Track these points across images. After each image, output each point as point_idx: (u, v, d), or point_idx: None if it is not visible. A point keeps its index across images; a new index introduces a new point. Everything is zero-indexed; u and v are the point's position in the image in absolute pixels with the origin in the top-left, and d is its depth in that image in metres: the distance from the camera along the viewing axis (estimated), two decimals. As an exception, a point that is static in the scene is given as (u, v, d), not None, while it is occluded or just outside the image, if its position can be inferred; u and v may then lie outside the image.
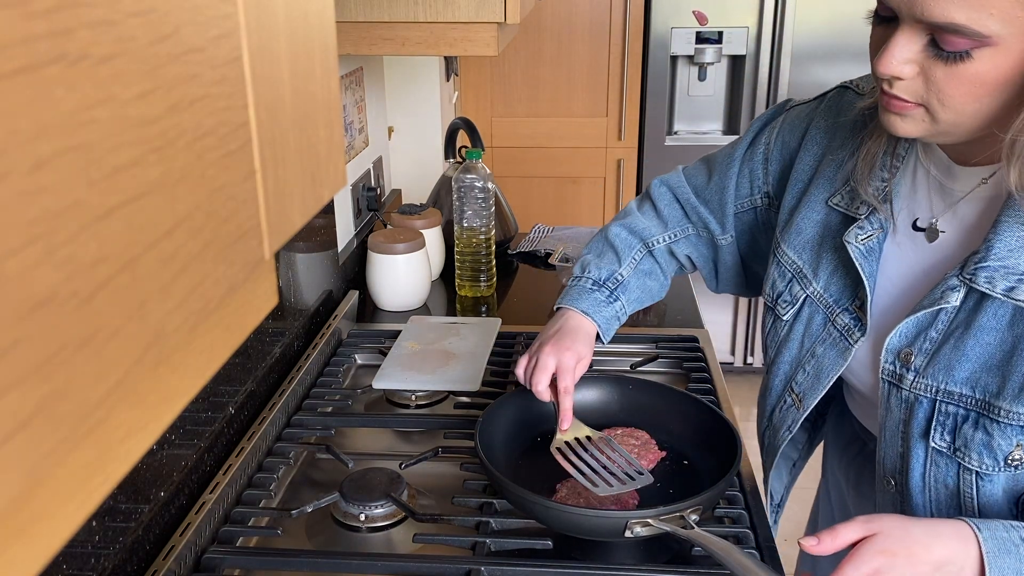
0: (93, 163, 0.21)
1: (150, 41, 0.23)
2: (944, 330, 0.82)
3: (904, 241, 0.89)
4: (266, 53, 0.32)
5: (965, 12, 0.68)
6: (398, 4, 1.15)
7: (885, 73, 0.76)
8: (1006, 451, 0.79)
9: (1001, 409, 0.78)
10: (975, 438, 0.80)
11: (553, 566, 0.89)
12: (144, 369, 0.24)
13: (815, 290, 0.95)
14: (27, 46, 0.18)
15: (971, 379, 0.80)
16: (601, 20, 2.89)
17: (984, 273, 0.78)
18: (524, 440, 1.08)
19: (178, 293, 0.26)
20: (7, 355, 0.18)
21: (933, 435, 0.83)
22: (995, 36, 0.69)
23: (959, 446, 0.81)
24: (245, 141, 0.30)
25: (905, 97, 0.77)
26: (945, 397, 0.82)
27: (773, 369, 1.01)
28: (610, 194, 3.08)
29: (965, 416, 0.81)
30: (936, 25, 0.70)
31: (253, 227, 0.32)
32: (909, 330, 0.84)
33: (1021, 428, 0.78)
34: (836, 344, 0.93)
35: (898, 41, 0.74)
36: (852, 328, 0.91)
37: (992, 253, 0.78)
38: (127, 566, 0.83)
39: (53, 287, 0.20)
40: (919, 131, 0.79)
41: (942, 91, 0.74)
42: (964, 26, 0.69)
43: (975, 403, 0.80)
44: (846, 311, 0.92)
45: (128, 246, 0.23)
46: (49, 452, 0.20)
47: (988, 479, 0.80)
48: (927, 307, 0.82)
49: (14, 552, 0.19)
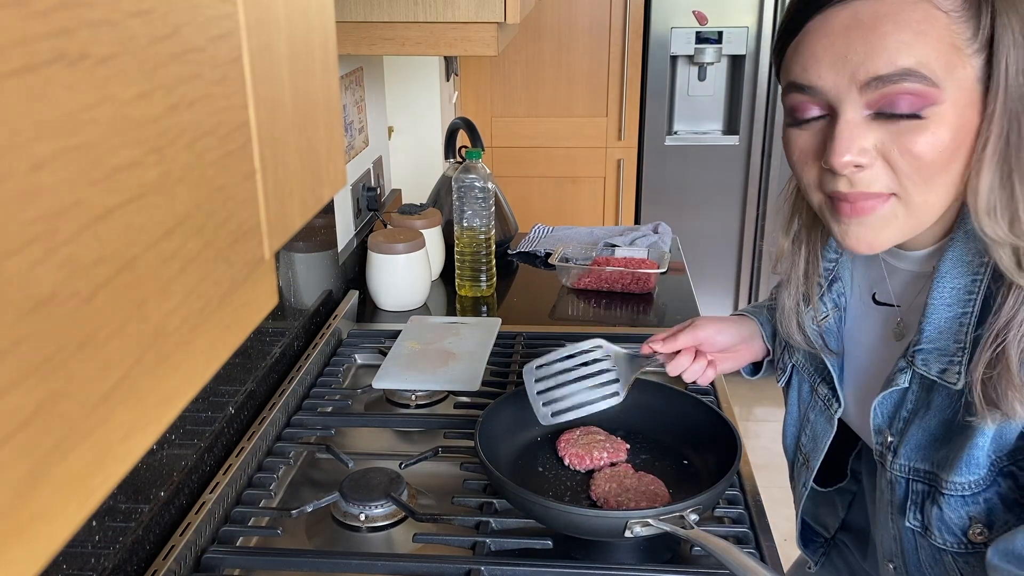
0: (93, 163, 0.21)
1: (150, 41, 0.23)
2: (912, 409, 0.80)
3: (868, 314, 0.88)
4: (266, 53, 0.32)
5: (912, 56, 0.66)
6: (398, 4, 1.15)
7: (843, 166, 0.70)
8: (959, 525, 0.76)
9: (944, 481, 0.76)
10: (933, 513, 0.78)
11: (553, 566, 0.89)
12: (144, 369, 0.24)
13: (798, 359, 0.96)
14: (27, 46, 0.18)
15: (931, 455, 0.78)
16: (601, 20, 2.89)
17: (920, 356, 0.76)
18: (524, 440, 1.08)
19: (178, 293, 0.26)
20: (7, 355, 0.18)
21: (908, 515, 0.80)
22: (941, 87, 0.66)
23: (926, 523, 0.79)
24: (245, 141, 0.30)
25: (876, 191, 0.71)
26: (914, 475, 0.80)
27: (784, 429, 1.01)
28: (610, 194, 3.08)
29: (928, 492, 0.79)
30: (886, 79, 0.66)
31: (253, 227, 0.32)
32: (886, 410, 0.82)
33: (962, 499, 0.75)
34: (823, 412, 0.93)
35: (845, 127, 0.69)
36: (831, 399, 0.91)
37: (924, 336, 0.76)
38: (127, 566, 0.83)
39: (53, 287, 0.20)
40: (892, 233, 0.73)
41: (910, 164, 0.69)
42: (914, 70, 0.66)
43: (929, 477, 0.78)
44: (824, 382, 0.93)
45: (128, 246, 0.23)
46: (49, 452, 0.20)
47: (964, 560, 0.77)
48: (885, 389, 0.81)
49: (14, 552, 0.19)
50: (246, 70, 0.30)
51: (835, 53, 0.69)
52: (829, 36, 0.69)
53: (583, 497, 0.98)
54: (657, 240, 1.86)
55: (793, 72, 0.73)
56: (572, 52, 2.94)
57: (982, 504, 0.75)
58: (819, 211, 0.77)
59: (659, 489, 0.96)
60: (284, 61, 0.34)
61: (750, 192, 3.00)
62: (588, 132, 3.02)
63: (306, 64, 0.36)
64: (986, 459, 0.73)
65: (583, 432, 1.06)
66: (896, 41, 0.66)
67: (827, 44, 0.69)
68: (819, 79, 0.70)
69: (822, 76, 0.70)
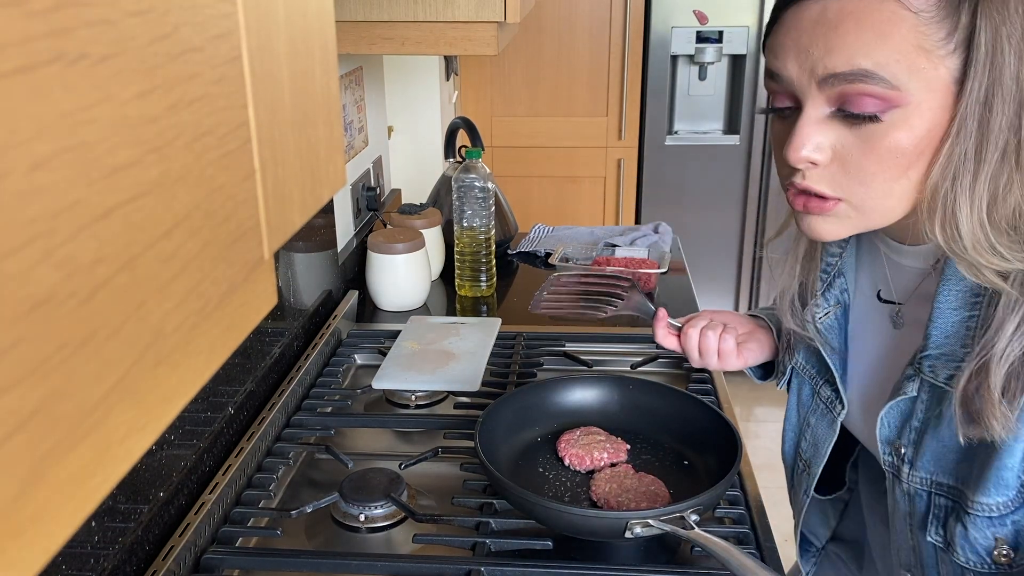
0: (92, 163, 0.21)
1: (149, 41, 0.23)
2: (923, 419, 0.77)
3: (872, 312, 0.86)
4: (266, 53, 0.32)
5: (870, 57, 0.65)
6: (398, 3, 1.15)
7: (797, 160, 0.70)
8: (984, 546, 0.73)
9: (970, 500, 0.72)
10: (956, 531, 0.74)
11: (553, 566, 0.89)
12: (143, 369, 0.24)
13: (798, 361, 0.95)
14: (26, 46, 0.18)
15: (953, 469, 0.75)
16: (601, 19, 2.89)
17: (927, 363, 0.74)
18: (524, 440, 1.08)
19: (177, 293, 0.26)
20: (7, 355, 0.18)
21: (929, 529, 0.77)
22: (904, 90, 0.65)
23: (949, 539, 0.75)
24: (244, 141, 0.30)
25: (823, 191, 0.71)
26: (936, 489, 0.76)
27: (783, 435, 1.00)
28: (610, 194, 3.08)
29: (952, 508, 0.75)
30: (842, 77, 0.66)
31: (252, 227, 0.32)
32: (893, 420, 0.80)
33: (989, 520, 0.72)
34: (825, 415, 0.91)
35: (805, 122, 0.69)
36: (834, 400, 0.90)
37: (931, 341, 0.74)
38: (126, 567, 0.83)
39: (52, 287, 0.20)
40: (846, 229, 0.73)
41: (862, 169, 0.68)
42: (872, 72, 0.65)
43: (953, 493, 0.75)
44: (827, 383, 0.91)
45: (127, 246, 0.23)
46: (48, 452, 0.20)
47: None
48: (894, 397, 0.79)
49: (14, 552, 0.19)
50: (245, 70, 0.30)
51: (800, 46, 0.69)
52: (797, 28, 0.69)
53: (583, 498, 0.98)
54: (657, 240, 1.86)
55: (768, 59, 0.74)
56: (572, 52, 2.94)
57: (1009, 526, 0.72)
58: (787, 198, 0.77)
59: (659, 490, 0.96)
60: (284, 61, 0.34)
61: (750, 192, 3.00)
62: (588, 132, 3.02)
63: (306, 64, 0.36)
64: (1015, 480, 0.70)
65: (583, 432, 1.06)
66: (856, 41, 0.65)
67: (795, 36, 0.69)
68: (784, 69, 0.71)
69: (787, 67, 0.70)
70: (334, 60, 0.40)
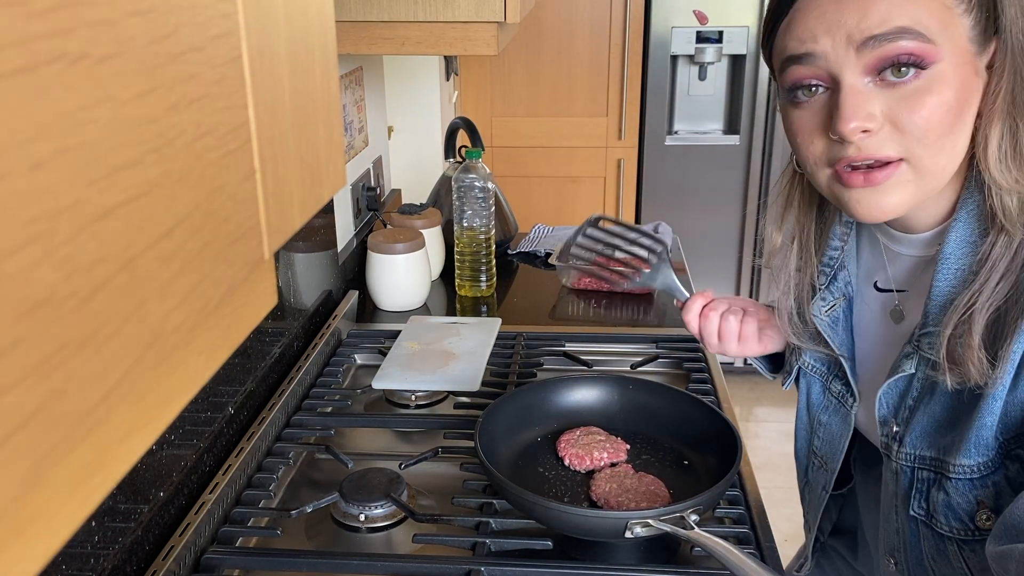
0: (92, 163, 0.21)
1: (149, 41, 0.23)
2: (917, 396, 0.79)
3: (871, 303, 0.88)
4: (266, 53, 0.32)
5: (905, 14, 0.67)
6: (398, 4, 1.15)
7: (851, 132, 0.69)
8: (967, 510, 0.75)
9: (950, 464, 0.75)
10: (939, 499, 0.77)
11: (553, 566, 0.89)
12: (144, 369, 0.24)
13: (806, 360, 0.95)
14: (27, 46, 0.18)
15: (937, 442, 0.77)
16: (601, 20, 2.89)
17: (927, 339, 0.76)
18: (524, 440, 1.08)
19: (177, 293, 0.26)
20: (7, 355, 0.18)
21: (912, 503, 0.80)
22: (938, 44, 0.67)
23: (931, 511, 0.78)
24: (244, 141, 0.30)
25: (887, 153, 0.70)
26: (920, 463, 0.79)
27: (795, 434, 1.00)
28: (610, 194, 3.08)
29: (933, 479, 0.78)
30: (881, 38, 0.67)
31: (252, 227, 0.32)
32: (891, 399, 0.82)
33: (970, 482, 0.74)
34: (837, 411, 0.92)
35: (848, 92, 0.70)
36: (845, 394, 0.91)
37: (929, 319, 0.76)
38: (126, 566, 0.83)
39: (52, 287, 0.20)
40: (904, 199, 0.72)
41: (916, 126, 0.69)
42: (909, 27, 0.67)
43: (935, 463, 0.78)
44: (836, 378, 0.92)
45: (127, 246, 0.23)
46: (49, 452, 0.20)
47: (971, 548, 0.76)
48: (891, 376, 0.81)
49: (14, 552, 0.19)
50: (246, 70, 0.30)
51: (828, 20, 0.70)
52: (820, 7, 0.70)
53: (583, 497, 0.98)
54: (657, 240, 1.85)
55: (789, 47, 0.73)
56: (572, 52, 2.94)
57: (990, 487, 0.74)
58: (827, 187, 0.76)
59: (659, 489, 0.96)
60: (284, 61, 0.34)
61: (750, 192, 3.00)
62: (588, 132, 3.02)
63: (306, 64, 0.36)
64: (994, 440, 0.73)
65: (583, 432, 1.06)
66: (887, 3, 0.67)
67: (819, 14, 0.70)
68: (816, 44, 0.71)
69: (819, 41, 0.71)
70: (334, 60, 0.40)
